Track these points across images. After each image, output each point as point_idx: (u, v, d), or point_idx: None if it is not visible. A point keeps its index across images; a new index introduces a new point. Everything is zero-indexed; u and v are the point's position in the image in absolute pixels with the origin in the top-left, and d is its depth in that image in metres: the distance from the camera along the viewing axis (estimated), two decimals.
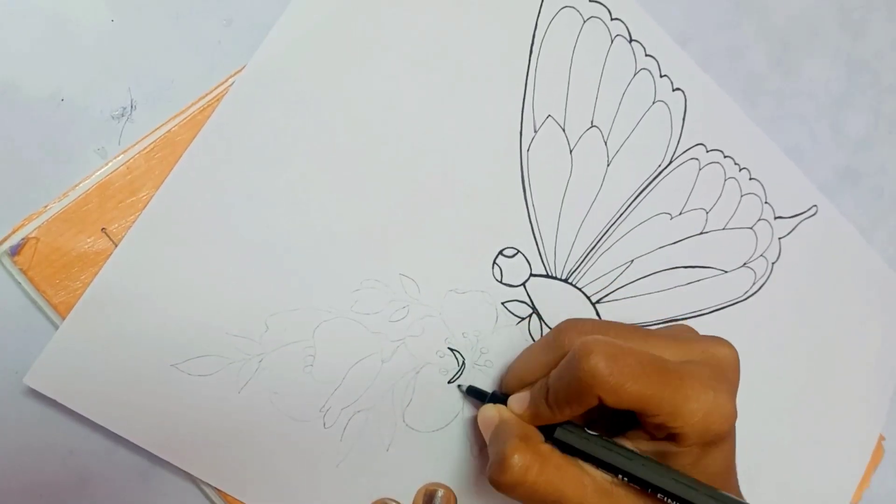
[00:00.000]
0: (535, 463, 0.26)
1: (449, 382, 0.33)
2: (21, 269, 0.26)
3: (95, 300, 0.27)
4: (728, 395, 0.27)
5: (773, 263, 0.41)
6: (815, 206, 0.42)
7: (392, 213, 0.31)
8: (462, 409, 0.33)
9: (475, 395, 0.32)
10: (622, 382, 0.25)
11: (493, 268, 0.33)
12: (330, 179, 0.30)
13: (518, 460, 0.26)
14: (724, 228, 0.39)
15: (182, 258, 0.28)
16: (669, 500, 0.26)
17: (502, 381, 0.33)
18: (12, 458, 0.27)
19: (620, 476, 0.27)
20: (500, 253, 0.33)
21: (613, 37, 0.35)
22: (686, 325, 0.32)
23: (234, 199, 0.29)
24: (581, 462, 0.27)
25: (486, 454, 0.33)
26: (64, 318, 0.27)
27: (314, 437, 0.30)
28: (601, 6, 0.34)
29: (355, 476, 0.31)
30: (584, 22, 0.34)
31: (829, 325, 0.43)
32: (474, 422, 0.33)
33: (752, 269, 0.40)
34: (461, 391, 0.33)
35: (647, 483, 0.27)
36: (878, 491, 0.45)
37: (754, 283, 0.40)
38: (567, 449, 0.28)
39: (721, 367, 0.29)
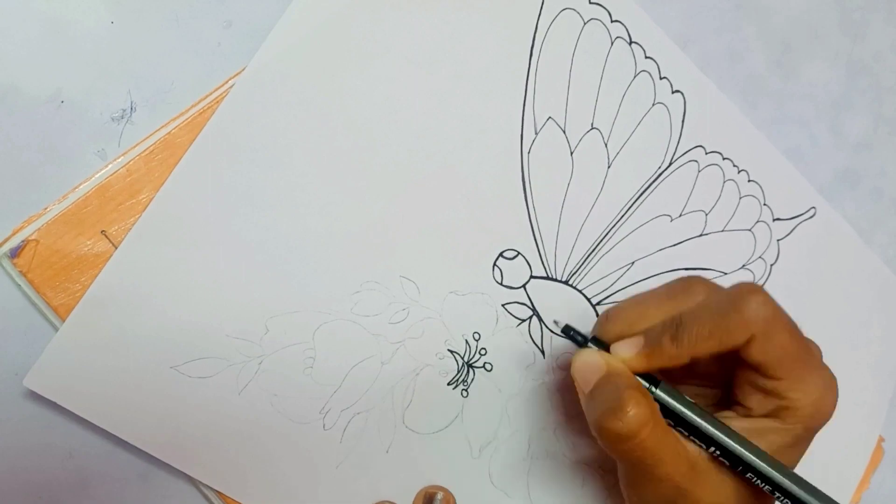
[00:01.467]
0: (651, 419, 0.25)
1: (448, 384, 0.32)
2: (21, 272, 0.26)
3: (95, 302, 0.27)
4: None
5: (771, 265, 0.40)
6: (814, 208, 0.42)
7: (392, 215, 0.31)
8: (462, 410, 0.33)
9: (571, 338, 0.29)
10: (778, 330, 0.25)
11: (493, 270, 0.33)
12: (330, 181, 0.30)
13: (636, 412, 0.25)
14: (723, 230, 0.39)
15: (182, 260, 0.28)
16: (756, 480, 0.26)
17: (602, 327, 0.29)
18: (12, 459, 0.27)
19: (712, 449, 0.26)
20: (501, 255, 0.33)
21: (613, 39, 0.34)
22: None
23: (234, 202, 0.29)
24: (678, 433, 0.27)
25: (487, 453, 0.33)
26: (63, 321, 0.27)
27: (314, 439, 0.30)
28: (601, 8, 0.34)
29: (355, 478, 0.31)
30: (585, 24, 0.34)
31: (827, 326, 0.43)
32: (474, 421, 0.33)
33: (750, 270, 0.40)
34: (556, 325, 0.30)
35: (739, 459, 0.26)
36: (877, 492, 0.45)
37: None
38: (665, 412, 0.27)
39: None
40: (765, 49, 0.41)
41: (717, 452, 0.26)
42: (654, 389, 0.27)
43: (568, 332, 0.29)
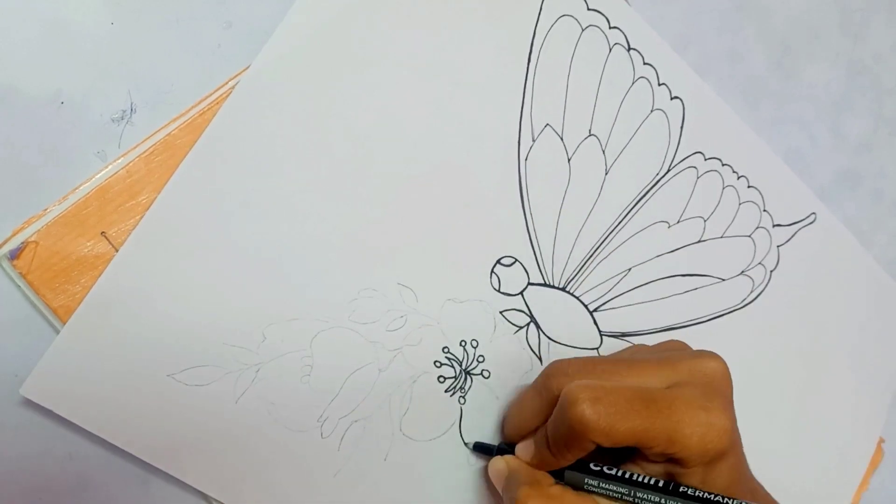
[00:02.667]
0: None
1: (446, 392, 0.37)
2: (20, 273, 0.30)
3: (92, 309, 0.30)
4: (721, 410, 0.31)
5: (771, 271, 0.46)
6: (814, 213, 0.47)
7: (390, 222, 0.35)
8: (460, 416, 0.37)
9: (482, 451, 0.37)
10: (612, 424, 0.29)
11: (490, 277, 0.38)
12: (328, 188, 0.34)
13: None
14: (722, 236, 0.44)
15: (180, 266, 0.32)
16: None
17: (503, 430, 0.38)
18: (11, 462, 0.31)
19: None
20: (498, 262, 0.38)
21: (612, 45, 0.39)
22: (676, 341, 0.36)
23: (232, 208, 0.32)
24: (595, 497, 0.32)
25: (484, 461, 0.38)
26: (63, 322, 0.30)
27: (312, 447, 0.34)
28: (599, 15, 0.39)
29: (353, 485, 0.35)
30: (583, 31, 0.39)
31: (827, 331, 0.48)
32: (472, 428, 0.37)
33: (750, 276, 0.45)
34: (468, 448, 0.37)
35: None
36: (876, 493, 0.51)
37: (752, 291, 0.45)
38: (579, 488, 0.32)
39: (711, 383, 0.32)
40: (765, 50, 0.46)
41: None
42: (570, 473, 0.33)
43: (479, 447, 0.37)
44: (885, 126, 0.51)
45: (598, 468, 0.32)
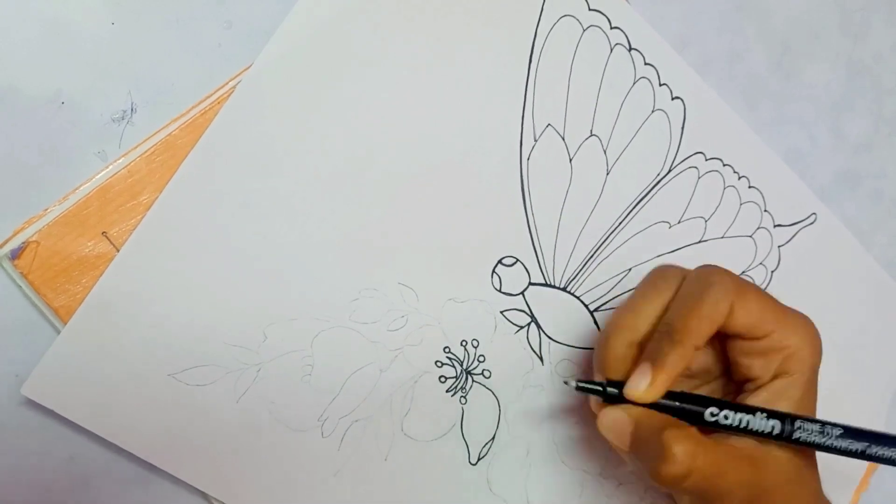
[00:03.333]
0: (698, 447, 0.29)
1: (447, 392, 0.37)
2: (21, 273, 0.30)
3: (92, 309, 0.31)
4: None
5: (772, 271, 0.46)
6: (815, 214, 0.47)
7: (392, 222, 0.35)
8: (461, 416, 0.38)
9: (588, 391, 0.33)
10: (748, 291, 0.31)
11: (491, 277, 0.38)
12: (329, 187, 0.34)
13: (682, 449, 0.28)
14: (723, 237, 0.44)
15: (181, 266, 0.32)
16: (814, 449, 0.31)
17: (602, 363, 0.33)
18: (12, 462, 0.31)
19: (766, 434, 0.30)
20: (500, 262, 0.38)
21: (613, 45, 0.40)
22: None
23: (233, 208, 0.33)
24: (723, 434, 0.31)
25: (485, 461, 0.38)
26: (64, 322, 0.30)
27: (312, 447, 0.34)
28: (601, 15, 0.39)
29: (353, 485, 0.35)
30: (584, 31, 0.39)
31: (828, 330, 0.47)
32: (473, 428, 0.38)
33: (751, 276, 0.45)
34: (570, 386, 0.32)
35: (781, 434, 0.30)
36: (876, 493, 0.51)
37: None
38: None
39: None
40: (765, 50, 0.46)
41: (772, 437, 0.30)
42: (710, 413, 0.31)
43: (583, 389, 0.33)
44: (885, 126, 0.51)
45: (727, 402, 0.32)
